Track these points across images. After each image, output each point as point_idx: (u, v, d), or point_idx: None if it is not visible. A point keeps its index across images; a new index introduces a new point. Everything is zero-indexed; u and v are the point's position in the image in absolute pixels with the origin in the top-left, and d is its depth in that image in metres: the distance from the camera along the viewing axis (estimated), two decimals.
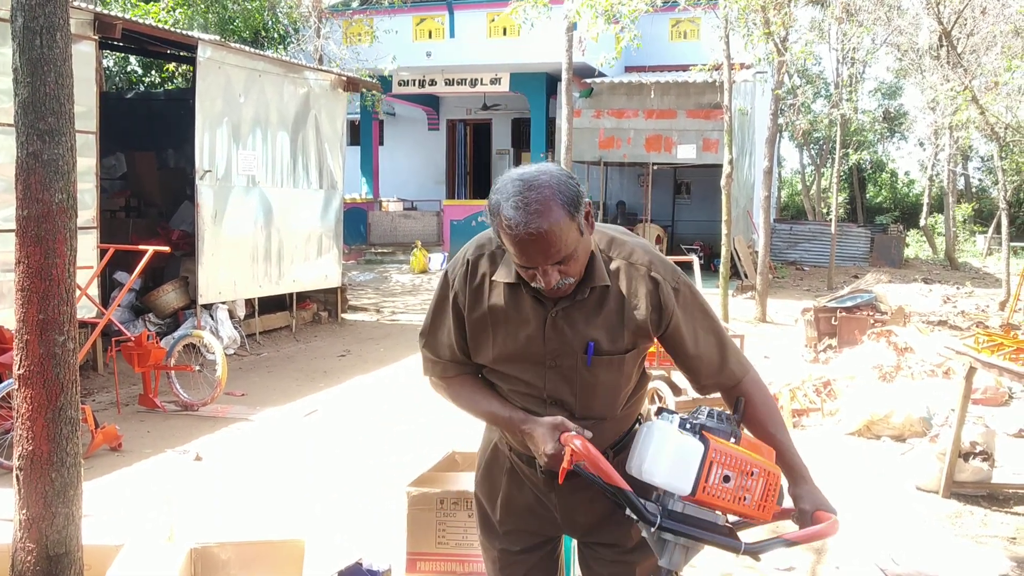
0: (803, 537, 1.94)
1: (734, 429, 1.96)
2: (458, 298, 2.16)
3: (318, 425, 6.93)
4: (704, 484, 1.86)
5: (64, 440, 2.98)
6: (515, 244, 1.92)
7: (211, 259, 9.66)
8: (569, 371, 2.10)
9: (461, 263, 2.18)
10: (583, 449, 1.91)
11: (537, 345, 2.09)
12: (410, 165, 23.56)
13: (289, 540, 3.55)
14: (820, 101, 31.01)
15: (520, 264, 1.97)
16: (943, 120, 17.74)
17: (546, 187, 1.91)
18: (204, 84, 9.49)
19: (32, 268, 2.93)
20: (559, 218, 1.89)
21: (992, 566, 4.19)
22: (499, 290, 2.11)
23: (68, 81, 2.99)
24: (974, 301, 15.54)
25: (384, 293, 15.79)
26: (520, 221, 1.88)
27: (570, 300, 2.07)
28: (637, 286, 2.09)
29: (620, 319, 2.09)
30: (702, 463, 1.86)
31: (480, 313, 2.13)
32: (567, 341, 2.08)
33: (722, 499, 1.87)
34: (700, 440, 1.88)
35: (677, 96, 17.59)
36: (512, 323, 2.11)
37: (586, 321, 2.08)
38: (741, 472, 1.87)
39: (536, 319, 2.08)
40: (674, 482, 1.88)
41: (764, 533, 2.24)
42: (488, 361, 2.17)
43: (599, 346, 2.08)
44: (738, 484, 1.87)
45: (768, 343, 10.68)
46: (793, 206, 36.05)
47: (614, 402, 2.17)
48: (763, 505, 1.90)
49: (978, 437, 5.46)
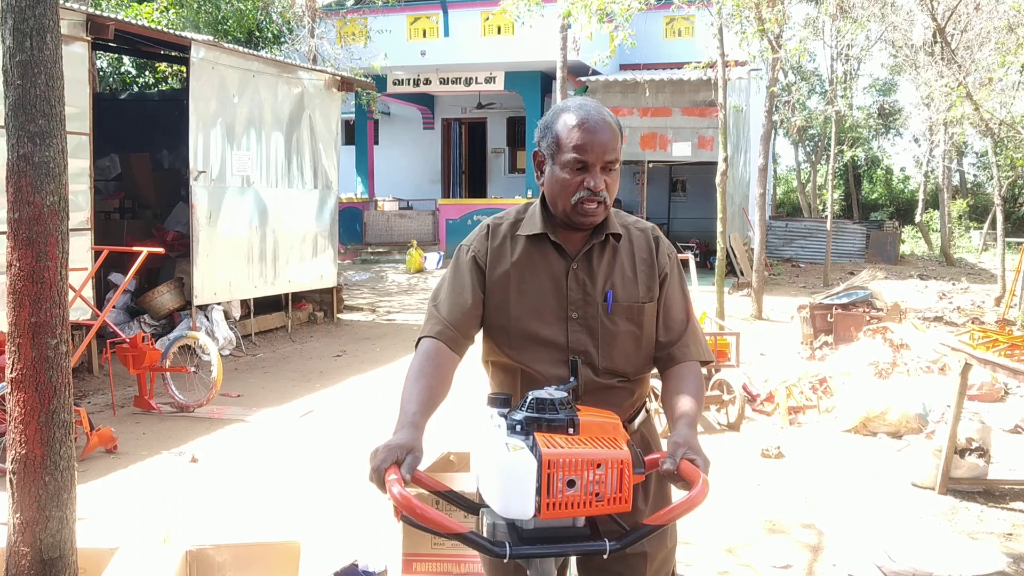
0: (667, 517, 1.78)
1: (570, 415, 1.76)
2: (477, 258, 2.26)
3: (314, 426, 6.92)
4: (547, 500, 1.66)
5: (57, 443, 2.97)
6: (582, 132, 2.12)
7: (206, 260, 9.64)
8: (591, 321, 2.20)
9: (479, 230, 2.32)
10: (402, 500, 1.70)
11: (559, 297, 2.21)
12: (405, 164, 23.54)
13: (285, 542, 3.55)
14: (815, 98, 31.04)
15: (577, 159, 2.12)
16: (938, 116, 17.76)
17: (602, 106, 2.20)
18: (198, 85, 9.47)
19: (24, 271, 2.92)
20: (613, 123, 2.17)
21: (988, 562, 4.19)
22: (522, 245, 2.25)
23: (59, 83, 2.98)
24: (970, 297, 15.57)
25: (380, 293, 15.78)
26: (591, 112, 2.14)
27: (586, 247, 2.22)
28: (642, 242, 2.30)
29: (633, 270, 2.26)
30: (539, 479, 1.65)
31: (503, 270, 2.24)
32: (588, 291, 2.21)
33: (572, 507, 1.68)
34: (532, 452, 1.68)
35: (672, 94, 17.59)
36: (536, 275, 2.22)
37: (603, 271, 2.22)
38: (585, 471, 1.68)
39: (559, 269, 2.21)
40: (514, 509, 1.68)
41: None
42: (509, 319, 2.21)
43: (617, 294, 2.21)
44: (585, 484, 1.67)
45: (764, 340, 10.69)
46: (788, 203, 36.08)
47: (635, 358, 2.25)
48: (620, 496, 1.70)
49: (974, 433, 5.46)
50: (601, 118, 2.14)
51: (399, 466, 1.83)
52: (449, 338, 2.21)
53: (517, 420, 1.75)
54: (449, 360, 2.21)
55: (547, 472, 1.65)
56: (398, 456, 1.85)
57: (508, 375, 2.28)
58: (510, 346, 2.23)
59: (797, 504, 5.17)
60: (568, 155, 2.12)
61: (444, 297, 2.27)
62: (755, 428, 6.83)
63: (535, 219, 2.25)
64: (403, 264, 18.40)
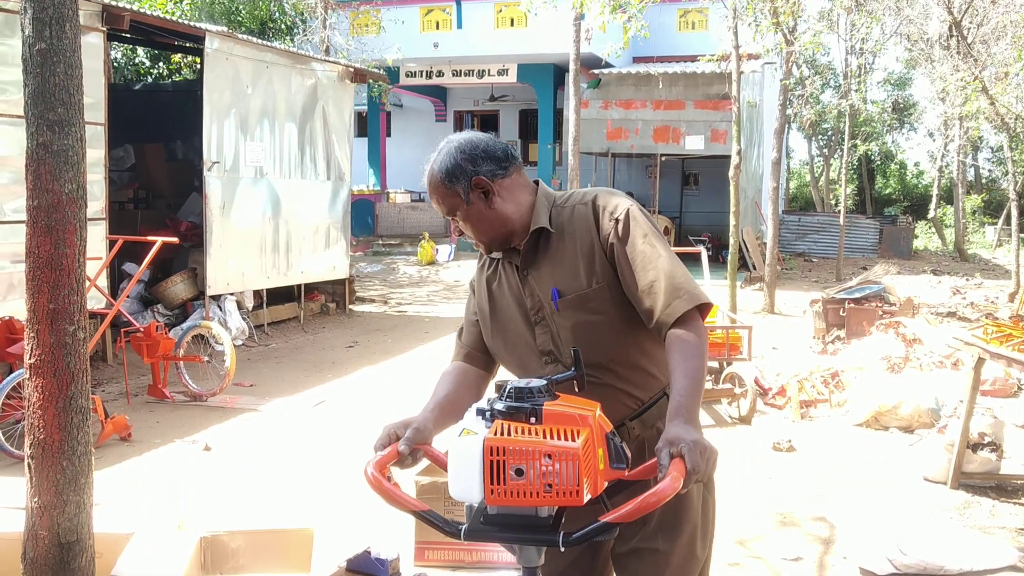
0: (625, 515, 1.69)
1: (535, 405, 1.74)
2: (473, 282, 2.43)
3: (326, 415, 6.95)
4: (492, 486, 1.66)
5: (75, 429, 3.00)
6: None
7: (219, 250, 9.68)
8: (549, 321, 2.22)
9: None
10: (372, 481, 1.82)
11: (522, 303, 2.26)
12: (417, 156, 23.37)
13: (298, 529, 3.57)
14: (828, 92, 30.89)
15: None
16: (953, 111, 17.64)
17: (433, 161, 2.23)
18: (212, 75, 9.50)
19: (42, 258, 2.95)
20: (434, 184, 2.21)
21: (1000, 556, 4.19)
22: (492, 266, 2.36)
23: (77, 72, 3.00)
24: (983, 293, 15.49)
25: (391, 285, 15.81)
26: (428, 170, 2.24)
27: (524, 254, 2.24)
28: (584, 221, 2.21)
29: (575, 256, 2.19)
30: (482, 466, 1.66)
31: (482, 287, 2.36)
32: (537, 294, 2.23)
33: (522, 496, 1.66)
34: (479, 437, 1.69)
35: (685, 87, 17.55)
36: (503, 288, 2.31)
37: (549, 270, 2.22)
38: (534, 460, 1.65)
39: (515, 280, 2.28)
40: (462, 492, 1.69)
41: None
42: (492, 330, 2.33)
43: (561, 289, 2.19)
44: (535, 474, 1.64)
45: (776, 334, 10.67)
46: (801, 197, 35.95)
47: (607, 346, 2.15)
48: (574, 489, 1.65)
49: (987, 428, 5.45)
50: (430, 180, 2.22)
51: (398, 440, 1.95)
52: (468, 356, 2.37)
53: (488, 408, 1.77)
54: (472, 374, 2.35)
55: (490, 459, 1.65)
56: (397, 432, 1.98)
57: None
58: (501, 358, 2.36)
59: (808, 497, 5.17)
60: None
61: (464, 322, 2.44)
62: (767, 422, 6.83)
63: None
64: (415, 256, 18.43)
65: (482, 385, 2.36)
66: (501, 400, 1.77)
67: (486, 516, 1.75)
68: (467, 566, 3.34)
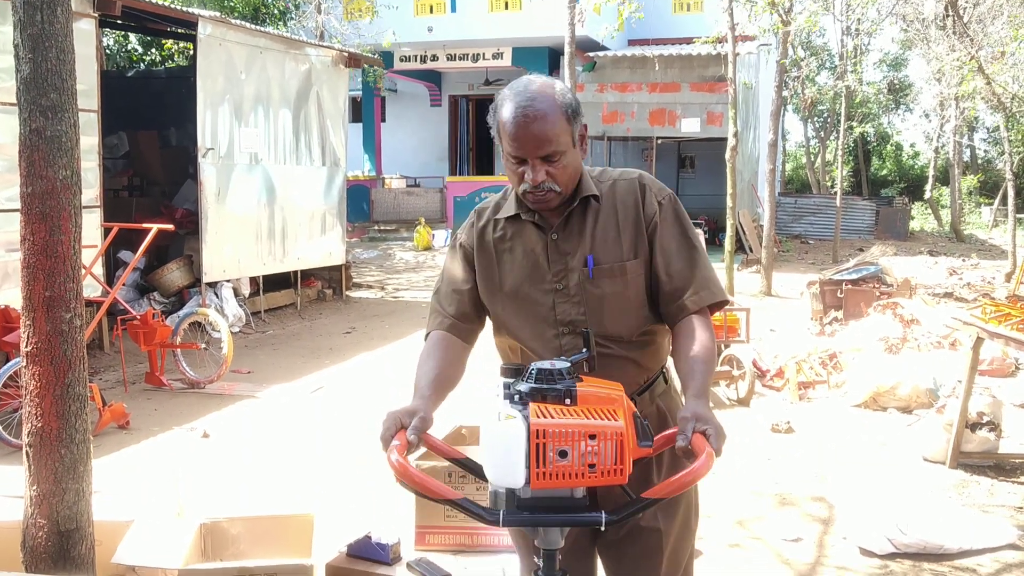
0: (666, 490, 1.73)
1: (569, 387, 1.74)
2: (464, 244, 2.28)
3: (324, 401, 6.95)
4: (537, 469, 1.64)
5: (73, 416, 2.99)
6: (514, 126, 2.01)
7: (215, 237, 9.65)
8: (576, 289, 2.15)
9: (468, 218, 2.34)
10: (398, 467, 1.73)
11: (542, 271, 2.17)
12: (413, 142, 23.47)
13: (298, 515, 3.57)
14: (824, 73, 30.82)
15: (512, 154, 2.05)
16: (949, 91, 17.62)
17: (547, 86, 2.06)
18: (205, 62, 9.45)
19: (37, 245, 2.93)
20: (554, 109, 2.02)
21: (999, 535, 4.20)
22: (503, 227, 2.24)
23: (70, 57, 2.97)
24: (980, 273, 15.51)
25: (388, 270, 15.79)
26: (519, 103, 2.01)
27: (563, 216, 2.16)
28: (628, 195, 2.20)
29: (616, 228, 2.17)
30: (528, 448, 1.64)
31: (486, 249, 2.24)
32: (569, 260, 2.16)
33: (565, 477, 1.66)
34: (522, 420, 1.66)
35: (681, 69, 17.49)
36: (517, 254, 2.20)
37: (582, 237, 2.16)
38: (578, 442, 1.65)
39: (538, 244, 2.18)
40: (505, 477, 1.67)
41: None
42: (500, 297, 2.22)
43: (598, 258, 2.14)
44: (579, 455, 1.65)
45: (774, 316, 10.67)
46: (798, 179, 35.92)
47: (628, 320, 2.17)
48: (617, 468, 1.67)
49: (985, 407, 5.46)
50: (538, 108, 2.00)
51: (405, 430, 1.85)
52: (452, 327, 2.24)
53: (516, 390, 1.74)
54: (458, 347, 2.23)
55: (536, 442, 1.64)
56: (403, 421, 1.88)
57: (513, 354, 2.28)
58: (507, 327, 2.24)
59: (807, 478, 5.18)
60: (506, 147, 2.07)
61: (443, 289, 2.30)
62: (765, 403, 6.83)
63: (511, 200, 2.24)
64: (411, 242, 18.39)
65: (465, 358, 2.25)
66: (524, 382, 1.75)
67: (520, 501, 1.71)
68: (468, 550, 3.34)
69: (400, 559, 3.27)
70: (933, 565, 4.01)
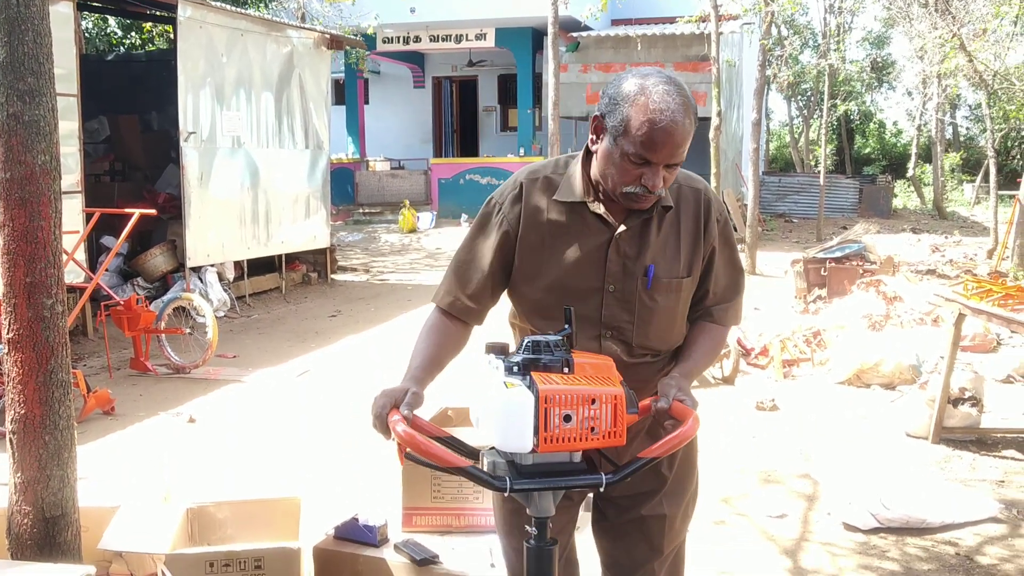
0: (661, 450, 1.81)
1: (565, 356, 1.79)
2: (507, 221, 2.11)
3: (311, 385, 6.94)
4: (544, 434, 1.70)
5: (56, 403, 2.98)
6: (653, 131, 1.89)
7: (198, 222, 9.60)
8: (629, 295, 2.08)
9: (512, 186, 2.14)
10: (406, 437, 1.77)
11: (597, 268, 2.07)
12: (396, 124, 23.36)
13: (285, 498, 3.57)
14: (807, 52, 30.81)
15: (640, 156, 1.92)
16: (931, 68, 17.65)
17: (684, 91, 1.96)
18: (185, 45, 9.36)
19: (17, 231, 2.91)
20: (690, 119, 1.94)
21: (981, 509, 4.25)
22: (560, 210, 2.09)
23: (47, 40, 2.94)
24: (962, 250, 15.61)
25: (373, 253, 15.76)
26: (670, 107, 1.89)
27: (637, 219, 2.06)
28: (691, 209, 2.13)
29: (677, 243, 2.11)
30: (536, 413, 1.69)
31: (536, 236, 2.09)
32: (628, 264, 2.07)
33: (569, 441, 1.72)
34: (529, 388, 1.72)
35: (664, 49, 17.46)
36: (573, 244, 2.07)
37: (647, 243, 2.08)
38: (581, 406, 1.72)
39: (600, 240, 2.07)
40: (513, 442, 1.72)
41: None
42: (539, 288, 2.10)
43: (658, 269, 2.08)
44: (581, 419, 1.72)
45: (758, 295, 10.71)
46: (781, 158, 35.97)
47: (669, 335, 2.17)
48: (614, 431, 1.75)
49: (967, 383, 5.51)
50: (680, 118, 1.90)
51: (397, 408, 1.88)
52: (461, 310, 2.15)
53: (515, 362, 1.78)
54: (462, 330, 2.17)
55: (544, 407, 1.69)
56: (397, 399, 1.90)
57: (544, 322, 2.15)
58: (540, 316, 2.12)
59: (792, 455, 5.22)
60: (633, 148, 1.91)
61: (464, 264, 2.16)
62: (750, 381, 6.87)
63: (574, 183, 2.08)
64: (396, 224, 18.34)
65: (467, 338, 2.19)
66: (522, 353, 1.79)
67: (522, 468, 1.76)
68: (455, 530, 3.35)
69: (388, 541, 3.28)
70: (916, 539, 4.06)
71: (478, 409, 1.86)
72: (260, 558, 3.05)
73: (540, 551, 1.84)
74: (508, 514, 2.28)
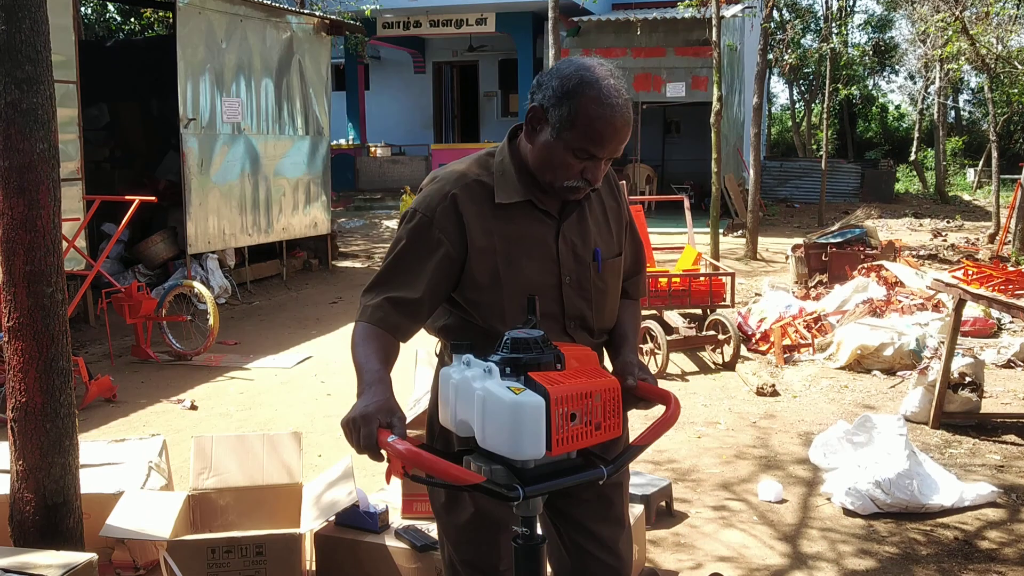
0: (652, 437, 1.82)
1: (555, 352, 1.75)
2: (447, 240, 1.99)
3: (312, 371, 6.95)
4: (556, 436, 1.64)
5: (57, 391, 2.99)
6: (604, 126, 1.89)
7: (199, 209, 9.60)
8: (584, 282, 2.08)
9: (440, 198, 2.01)
10: (412, 456, 1.63)
11: (551, 263, 2.05)
12: (397, 109, 23.29)
13: (287, 484, 3.59)
14: (809, 36, 30.69)
15: (586, 150, 1.92)
16: (933, 52, 17.58)
17: (623, 82, 1.96)
18: (185, 30, 9.33)
19: (16, 219, 2.91)
20: (631, 112, 1.96)
21: (980, 493, 4.26)
22: (503, 213, 2.03)
23: (44, 27, 2.94)
24: (964, 235, 15.58)
25: (374, 239, 15.74)
26: (618, 102, 1.90)
27: (574, 207, 2.07)
28: (607, 188, 2.19)
29: (607, 222, 2.16)
30: (548, 418, 1.63)
31: (487, 243, 2.01)
32: (578, 252, 2.07)
33: (575, 440, 1.68)
34: (537, 392, 1.64)
35: (665, 33, 17.37)
36: (525, 244, 2.03)
37: (588, 229, 2.10)
38: (584, 403, 1.68)
39: (548, 234, 2.05)
40: (528, 449, 1.64)
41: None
42: (500, 295, 2.02)
43: (603, 251, 2.11)
44: (584, 416, 1.68)
45: (759, 280, 10.71)
46: (783, 143, 35.86)
47: (615, 313, 2.21)
48: (614, 423, 1.73)
49: (967, 368, 5.51)
50: (627, 113, 1.91)
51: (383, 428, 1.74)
52: (393, 326, 1.99)
53: (507, 362, 1.70)
54: (393, 342, 2.01)
55: (555, 411, 1.63)
56: (382, 421, 1.75)
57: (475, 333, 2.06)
58: (501, 320, 2.01)
59: (792, 440, 5.23)
60: (580, 143, 1.91)
61: (395, 277, 2.01)
62: (750, 367, 6.88)
63: (511, 182, 2.02)
64: (396, 210, 18.31)
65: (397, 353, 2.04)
66: (501, 352, 1.72)
67: (525, 472, 1.69)
68: None
69: (388, 527, 3.30)
70: (916, 524, 4.07)
71: (466, 415, 1.74)
72: (261, 544, 3.06)
73: (532, 549, 1.80)
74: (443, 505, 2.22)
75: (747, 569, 3.67)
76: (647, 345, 6.72)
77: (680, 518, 4.15)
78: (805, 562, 3.73)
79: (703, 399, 6.07)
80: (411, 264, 2.01)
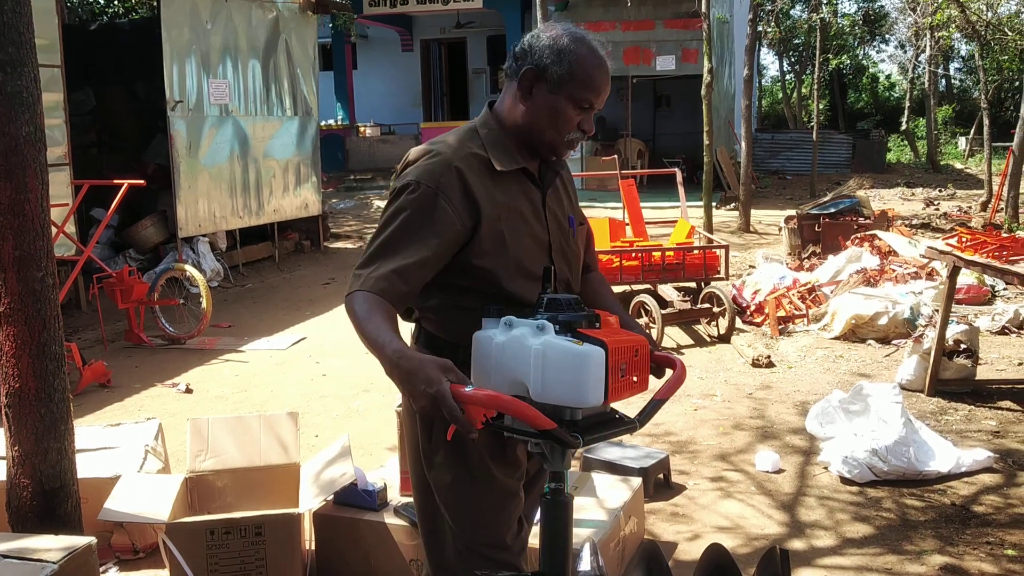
0: (668, 392, 1.97)
1: (591, 312, 1.89)
2: (457, 214, 1.97)
3: (306, 352, 6.94)
4: (613, 386, 1.76)
5: (50, 376, 2.97)
6: (597, 73, 2.02)
7: (188, 192, 9.54)
8: (567, 248, 2.18)
9: (446, 170, 1.99)
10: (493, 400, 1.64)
11: (543, 230, 2.12)
12: (385, 88, 23.16)
13: (284, 464, 3.59)
14: (799, 6, 30.55)
15: (585, 100, 2.02)
16: (924, 20, 17.52)
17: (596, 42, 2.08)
18: (169, 12, 9.23)
19: (4, 204, 2.88)
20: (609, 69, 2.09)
21: (976, 459, 4.27)
22: (501, 184, 2.05)
23: (26, 9, 2.90)
24: (956, 203, 15.60)
25: (365, 220, 15.69)
26: (602, 54, 2.04)
27: (554, 175, 2.18)
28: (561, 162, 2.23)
29: (567, 192, 2.27)
30: (607, 368, 1.73)
31: (494, 214, 2.01)
32: (559, 219, 2.17)
33: (623, 391, 1.81)
34: (596, 344, 1.74)
35: (654, 6, 17.27)
36: (524, 212, 2.08)
37: (561, 197, 2.22)
38: (630, 357, 1.82)
39: (537, 200, 2.13)
40: (588, 398, 1.73)
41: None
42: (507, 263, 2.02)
43: (576, 218, 2.25)
44: (630, 370, 1.82)
45: (752, 252, 10.71)
46: (774, 115, 35.80)
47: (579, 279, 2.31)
48: (646, 376, 1.92)
49: (961, 335, 5.52)
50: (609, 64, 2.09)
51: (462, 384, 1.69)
52: (396, 297, 1.93)
53: (554, 321, 1.81)
54: (394, 314, 1.93)
55: (612, 361, 1.75)
56: (449, 379, 1.67)
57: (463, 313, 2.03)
58: (500, 292, 2.01)
59: (788, 411, 5.24)
60: (583, 92, 2.00)
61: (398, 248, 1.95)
62: (745, 339, 6.89)
63: (505, 150, 2.06)
64: (387, 190, 18.20)
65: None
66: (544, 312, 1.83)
67: (574, 424, 1.78)
68: None
69: (387, 504, 3.30)
70: (913, 491, 4.09)
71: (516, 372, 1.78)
72: (260, 525, 3.06)
73: (562, 503, 1.85)
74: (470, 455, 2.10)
75: (746, 539, 3.68)
76: (642, 319, 6.72)
77: (678, 490, 4.16)
78: (803, 531, 3.75)
79: (699, 372, 6.08)
80: (416, 233, 1.96)
